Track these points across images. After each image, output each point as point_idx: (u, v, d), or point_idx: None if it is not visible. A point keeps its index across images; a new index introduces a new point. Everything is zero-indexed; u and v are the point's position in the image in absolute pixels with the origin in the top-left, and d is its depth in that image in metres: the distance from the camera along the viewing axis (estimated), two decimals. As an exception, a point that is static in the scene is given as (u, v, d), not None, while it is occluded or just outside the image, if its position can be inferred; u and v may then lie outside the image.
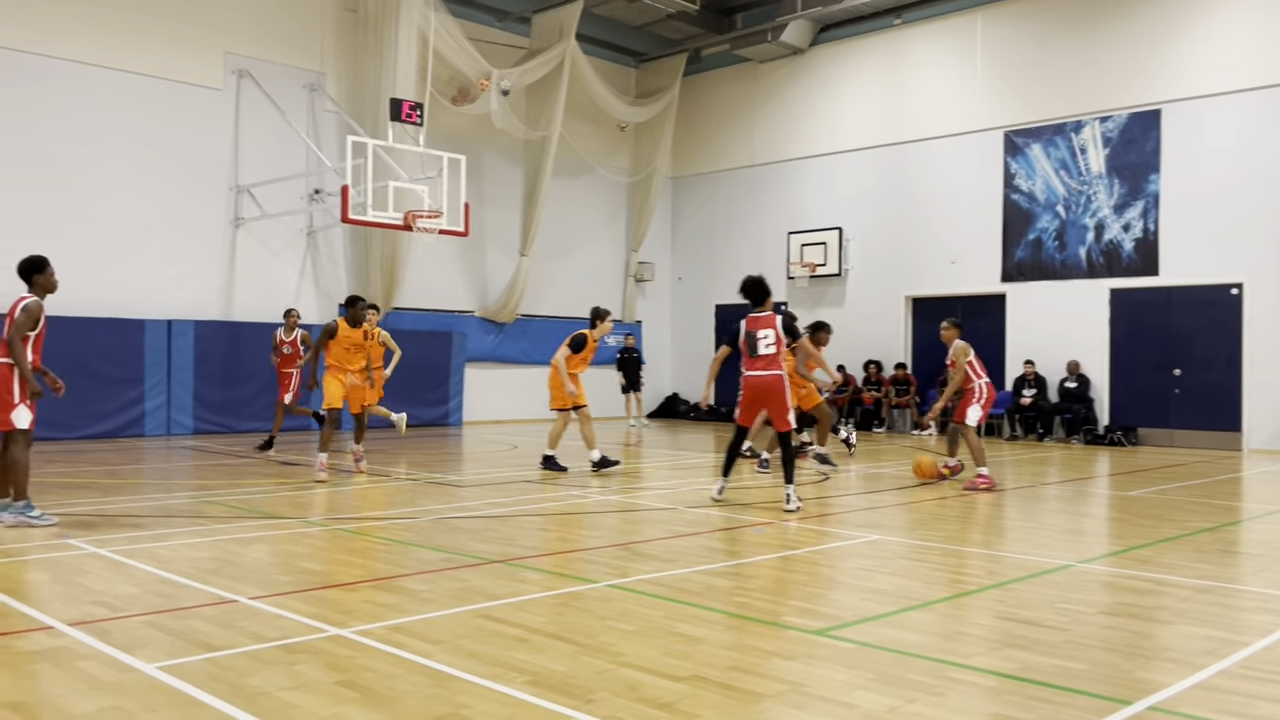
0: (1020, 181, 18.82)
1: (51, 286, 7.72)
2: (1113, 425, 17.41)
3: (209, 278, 17.07)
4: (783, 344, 8.71)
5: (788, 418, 8.64)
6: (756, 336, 8.71)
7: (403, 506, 8.81)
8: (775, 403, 8.67)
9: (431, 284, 19.97)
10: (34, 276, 7.63)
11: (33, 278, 7.63)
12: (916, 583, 6.00)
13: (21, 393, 7.48)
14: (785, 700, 3.80)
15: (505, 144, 20.78)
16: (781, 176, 22.47)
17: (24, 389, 7.49)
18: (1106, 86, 17.79)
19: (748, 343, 8.77)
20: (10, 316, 7.47)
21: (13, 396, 7.45)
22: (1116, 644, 4.67)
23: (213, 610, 5.06)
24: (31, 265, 7.66)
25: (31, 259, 7.69)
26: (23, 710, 3.60)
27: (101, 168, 15.89)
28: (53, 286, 7.73)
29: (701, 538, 7.49)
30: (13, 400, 7.45)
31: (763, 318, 8.80)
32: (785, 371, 8.73)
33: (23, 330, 7.43)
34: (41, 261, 7.68)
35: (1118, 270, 17.68)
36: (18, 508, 7.48)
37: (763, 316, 8.81)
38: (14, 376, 7.47)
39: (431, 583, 5.75)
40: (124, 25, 16.12)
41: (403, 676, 4.01)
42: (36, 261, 7.67)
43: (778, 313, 8.90)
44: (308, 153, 17.66)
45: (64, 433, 14.89)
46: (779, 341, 8.68)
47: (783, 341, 8.70)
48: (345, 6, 18.61)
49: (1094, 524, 8.94)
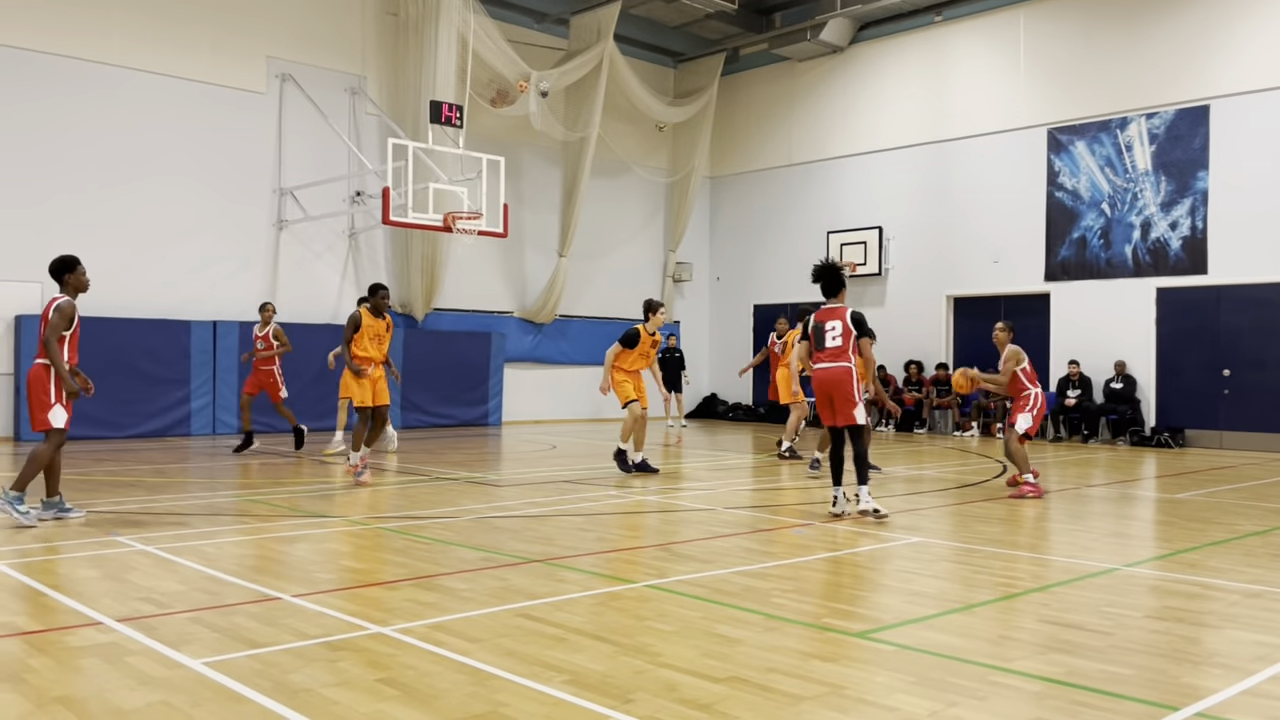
0: (1064, 179, 18.57)
1: (83, 286, 7.76)
2: (1159, 427, 17.12)
3: (253, 279, 17.31)
4: (850, 337, 8.33)
5: (854, 413, 8.24)
6: (824, 329, 8.43)
7: (443, 506, 8.87)
8: (841, 397, 8.26)
9: (471, 285, 20.10)
10: (65, 276, 7.68)
11: (64, 277, 7.68)
12: (959, 585, 5.94)
13: (58, 393, 7.53)
14: (825, 702, 3.77)
15: (544, 145, 20.86)
16: (820, 175, 22.35)
17: (60, 389, 7.54)
18: (1153, 82, 17.50)
19: (815, 336, 8.49)
20: (44, 317, 7.55)
21: (49, 396, 7.51)
22: (1163, 649, 4.59)
23: (257, 607, 5.13)
24: (63, 265, 7.70)
25: (62, 259, 7.73)
26: (73, 704, 3.67)
27: (148, 171, 16.18)
28: (84, 286, 7.77)
29: (740, 539, 7.46)
30: (49, 400, 7.51)
31: (834, 309, 8.48)
32: (853, 365, 8.34)
33: (58, 330, 7.48)
34: (72, 261, 7.73)
35: (1165, 269, 17.38)
36: (12, 496, 7.42)
37: (834, 308, 8.49)
38: (50, 377, 7.52)
39: (471, 581, 5.78)
40: (170, 32, 16.41)
41: (442, 674, 4.04)
42: (67, 261, 7.72)
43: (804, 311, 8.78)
44: (349, 155, 17.85)
45: (112, 431, 15.19)
46: (846, 334, 8.33)
47: (851, 334, 8.33)
48: (386, 10, 18.79)
49: (1140, 527, 8.80)
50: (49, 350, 7.49)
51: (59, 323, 7.49)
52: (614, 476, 11.11)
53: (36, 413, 7.54)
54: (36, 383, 7.54)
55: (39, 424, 7.55)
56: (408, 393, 18.55)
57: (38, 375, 7.55)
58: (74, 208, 15.48)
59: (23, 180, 15.11)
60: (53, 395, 7.52)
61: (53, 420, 7.52)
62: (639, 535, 7.69)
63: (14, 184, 15.04)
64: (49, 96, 15.32)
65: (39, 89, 15.24)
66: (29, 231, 15.13)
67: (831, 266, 8.59)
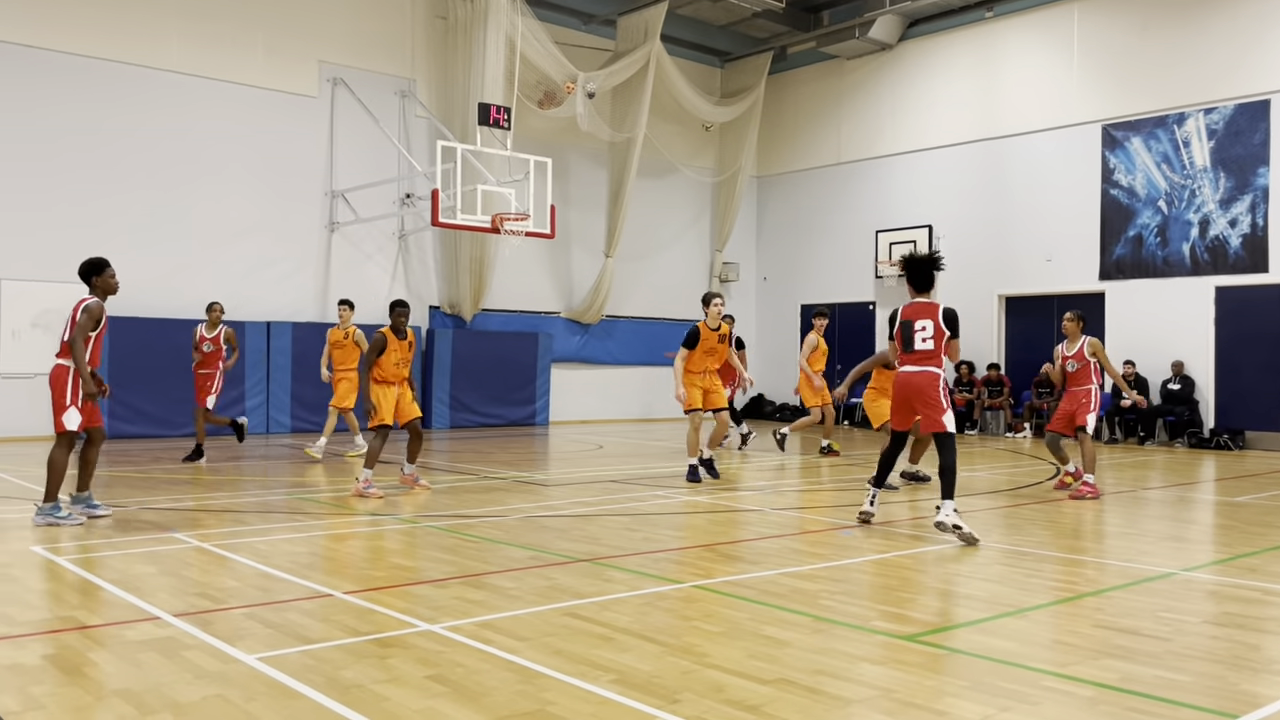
0: (1119, 176, 18.22)
1: (111, 288, 7.82)
2: (1218, 428, 16.73)
3: (306, 280, 17.58)
4: (943, 338, 7.42)
5: (943, 420, 7.34)
6: (914, 328, 7.47)
7: (491, 505, 8.94)
8: (928, 403, 7.38)
9: (518, 285, 20.22)
10: (94, 278, 7.75)
11: (93, 279, 7.75)
12: (1011, 589, 5.86)
13: (74, 395, 7.53)
14: (874, 705, 3.74)
15: (590, 146, 20.92)
16: (869, 174, 22.15)
17: (76, 391, 7.54)
18: (1211, 76, 17.10)
19: (903, 334, 7.54)
20: (71, 318, 7.60)
21: (65, 398, 7.52)
22: (1222, 655, 4.48)
23: (309, 604, 5.21)
24: (91, 267, 7.77)
25: (91, 261, 7.81)
26: (132, 697, 3.75)
27: (203, 174, 16.52)
28: (112, 288, 7.83)
29: (788, 540, 7.42)
30: (64, 402, 7.52)
31: (925, 305, 7.51)
32: (942, 369, 7.50)
33: (84, 331, 7.54)
34: (101, 263, 7.80)
35: (1224, 267, 16.98)
36: (47, 509, 7.49)
37: (925, 304, 7.52)
38: (69, 379, 7.54)
39: (519, 580, 5.82)
40: (225, 37, 16.72)
41: (491, 672, 4.07)
42: (96, 263, 7.79)
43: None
44: (399, 158, 18.05)
45: (168, 430, 15.51)
46: (939, 335, 7.40)
47: (943, 335, 7.41)
48: (435, 14, 18.97)
49: (1198, 530, 8.61)
50: (73, 350, 7.51)
51: (86, 323, 7.54)
52: (666, 478, 11.10)
53: (54, 414, 7.55)
54: (56, 384, 7.56)
55: (55, 425, 7.55)
56: (456, 393, 18.72)
57: (57, 376, 7.58)
58: (131, 210, 15.84)
59: (81, 183, 15.50)
60: (69, 397, 7.53)
61: (66, 422, 7.51)
62: (686, 535, 7.68)
63: (73, 187, 15.43)
64: (108, 101, 15.69)
65: (99, 94, 15.62)
66: (88, 235, 15.48)
67: (923, 258, 7.62)
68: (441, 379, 18.53)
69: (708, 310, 10.51)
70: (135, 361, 15.38)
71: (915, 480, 10.71)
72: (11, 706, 3.62)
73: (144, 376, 15.47)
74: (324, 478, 10.94)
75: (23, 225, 15.03)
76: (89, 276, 7.77)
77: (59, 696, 3.74)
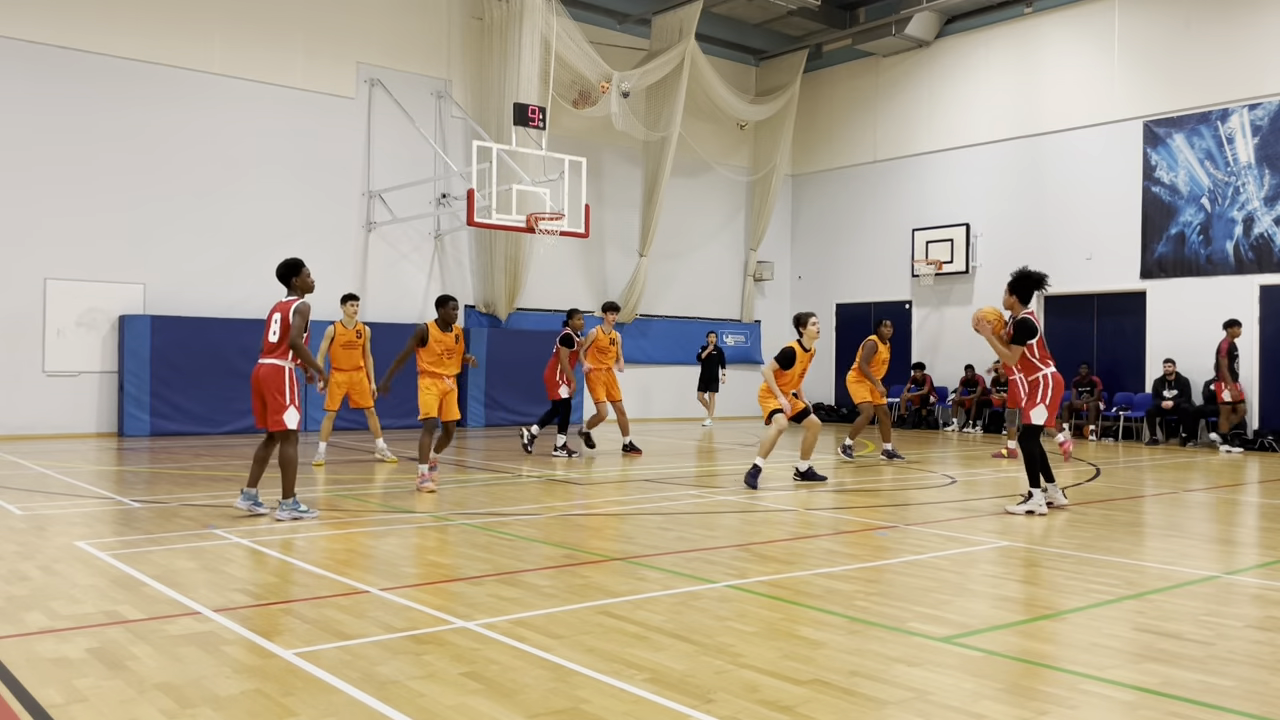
0: (1161, 174, 17.95)
1: (309, 286, 7.97)
2: (1263, 430, 16.43)
3: (344, 280, 17.71)
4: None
5: (1031, 413, 8.66)
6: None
7: (526, 503, 8.97)
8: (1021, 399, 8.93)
9: (553, 285, 20.28)
10: (293, 279, 7.92)
11: (291, 280, 7.92)
12: (1049, 591, 5.79)
13: (292, 394, 7.70)
14: (909, 708, 3.71)
15: (625, 145, 20.94)
16: (905, 172, 21.98)
17: (294, 390, 7.71)
18: (1255, 71, 16.79)
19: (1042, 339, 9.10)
20: (283, 321, 7.72)
21: (284, 398, 7.68)
22: (1266, 660, 4.40)
23: (346, 600, 5.26)
24: (289, 268, 7.93)
25: (288, 262, 7.96)
26: (172, 691, 3.81)
27: (243, 175, 16.74)
28: (310, 286, 7.99)
29: (822, 540, 7.39)
30: (284, 402, 7.68)
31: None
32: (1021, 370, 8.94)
33: (300, 332, 7.70)
34: (298, 264, 7.96)
35: (1269, 266, 16.67)
36: (289, 504, 7.74)
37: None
38: (284, 379, 7.69)
39: (553, 578, 5.84)
40: (266, 40, 16.93)
41: (525, 670, 4.09)
42: (293, 264, 7.94)
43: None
44: (435, 158, 18.17)
45: (209, 428, 15.73)
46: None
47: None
48: (471, 15, 19.08)
49: (1242, 533, 8.46)
50: (299, 350, 7.68)
51: (300, 324, 7.71)
52: (702, 477, 11.08)
53: (273, 414, 7.70)
54: (271, 383, 7.67)
55: (275, 425, 7.72)
56: (491, 391, 18.81)
57: (270, 376, 7.68)
58: (173, 212, 16.08)
59: (126, 186, 15.76)
60: (288, 396, 7.69)
61: (287, 421, 7.70)
62: (719, 535, 7.67)
63: (117, 189, 15.69)
64: (151, 104, 15.94)
65: (142, 97, 15.87)
66: (131, 235, 15.79)
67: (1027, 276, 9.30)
68: (477, 377, 18.62)
69: (803, 330, 10.62)
70: (177, 360, 15.62)
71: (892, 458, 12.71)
72: (56, 699, 3.69)
73: (186, 375, 15.71)
74: (359, 475, 11.03)
75: (67, 227, 15.31)
76: (288, 278, 7.93)
77: (102, 690, 3.81)
